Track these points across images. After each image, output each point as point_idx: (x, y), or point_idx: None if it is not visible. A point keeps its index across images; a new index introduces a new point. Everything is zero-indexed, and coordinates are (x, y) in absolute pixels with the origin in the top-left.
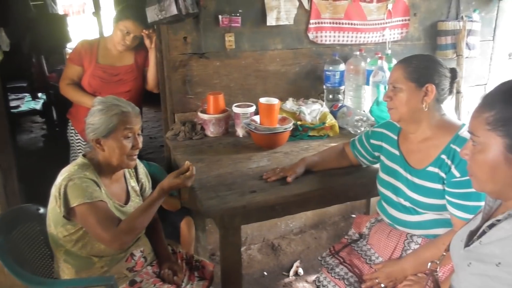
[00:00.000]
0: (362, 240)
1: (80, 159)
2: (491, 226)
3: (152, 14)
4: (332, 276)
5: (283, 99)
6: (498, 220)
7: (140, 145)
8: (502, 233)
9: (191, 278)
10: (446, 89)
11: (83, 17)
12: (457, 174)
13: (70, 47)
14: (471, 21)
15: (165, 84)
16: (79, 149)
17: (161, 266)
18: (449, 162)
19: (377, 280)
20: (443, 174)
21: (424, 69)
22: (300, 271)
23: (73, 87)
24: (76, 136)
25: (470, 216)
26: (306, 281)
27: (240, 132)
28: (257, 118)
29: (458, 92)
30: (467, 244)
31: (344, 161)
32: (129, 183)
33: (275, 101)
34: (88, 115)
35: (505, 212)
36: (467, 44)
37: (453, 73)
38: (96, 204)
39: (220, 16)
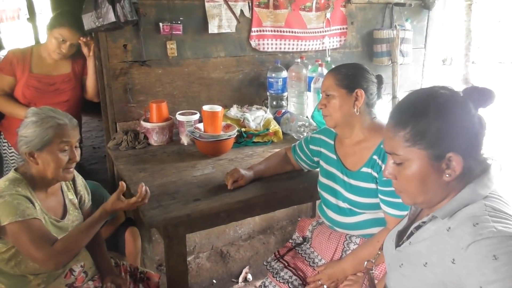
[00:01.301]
0: (305, 243)
1: (11, 174)
2: (417, 228)
3: (88, 21)
4: (277, 280)
5: (227, 106)
6: (424, 222)
7: (78, 158)
8: (428, 233)
9: None
10: (374, 93)
11: (18, 23)
12: None
13: (2, 54)
14: (404, 29)
15: (105, 93)
16: (13, 162)
17: (104, 280)
18: (380, 162)
19: (320, 282)
20: (375, 174)
21: (353, 75)
22: (249, 276)
23: (4, 98)
24: (10, 149)
25: (401, 213)
26: (255, 287)
27: (184, 140)
28: (201, 125)
29: (394, 97)
30: (397, 245)
31: (288, 166)
32: (67, 196)
33: (218, 108)
34: (20, 127)
35: (429, 214)
36: (401, 51)
37: (379, 79)
38: (29, 222)
39: (161, 24)
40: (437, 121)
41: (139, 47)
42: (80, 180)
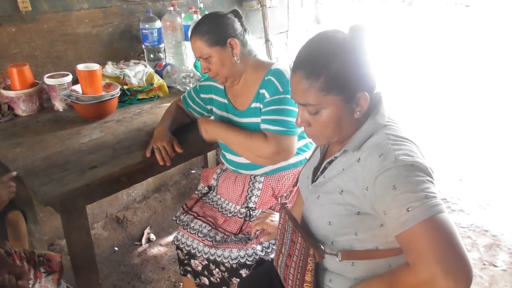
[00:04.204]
0: (211, 192)
1: None
2: (330, 162)
3: None
4: (188, 231)
5: (101, 64)
6: (336, 157)
7: None
8: (340, 166)
9: (38, 276)
10: (241, 31)
11: None
12: (267, 96)
13: None
14: None
15: None
16: None
17: None
18: (263, 91)
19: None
20: (262, 106)
21: (217, 29)
22: (152, 236)
23: None
24: None
25: (280, 128)
26: (160, 245)
27: (59, 105)
28: (78, 87)
29: (267, 40)
30: (313, 180)
31: (187, 117)
32: None
33: (96, 66)
34: None
35: (340, 149)
36: None
37: (236, 13)
38: None
39: None
40: (345, 65)
41: None
42: None
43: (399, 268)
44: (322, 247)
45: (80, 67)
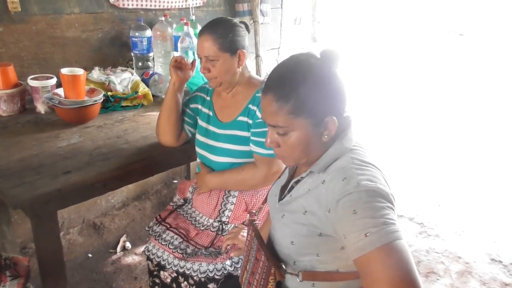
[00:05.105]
0: (187, 204)
1: None
2: (297, 182)
3: None
4: (159, 242)
5: (88, 69)
6: (302, 177)
7: None
8: (306, 186)
9: (3, 279)
10: (248, 45)
11: None
12: (260, 115)
13: None
14: None
15: None
16: None
17: None
18: (254, 108)
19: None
20: (250, 121)
21: (233, 36)
22: (128, 245)
23: None
24: None
25: (269, 152)
26: (135, 254)
27: (41, 108)
28: (60, 91)
29: (257, 55)
30: (280, 198)
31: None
32: None
33: (80, 71)
34: None
35: (307, 170)
36: (261, 10)
37: (246, 26)
38: None
39: None
40: (315, 90)
41: None
42: None
43: None
44: (283, 266)
45: (64, 71)
